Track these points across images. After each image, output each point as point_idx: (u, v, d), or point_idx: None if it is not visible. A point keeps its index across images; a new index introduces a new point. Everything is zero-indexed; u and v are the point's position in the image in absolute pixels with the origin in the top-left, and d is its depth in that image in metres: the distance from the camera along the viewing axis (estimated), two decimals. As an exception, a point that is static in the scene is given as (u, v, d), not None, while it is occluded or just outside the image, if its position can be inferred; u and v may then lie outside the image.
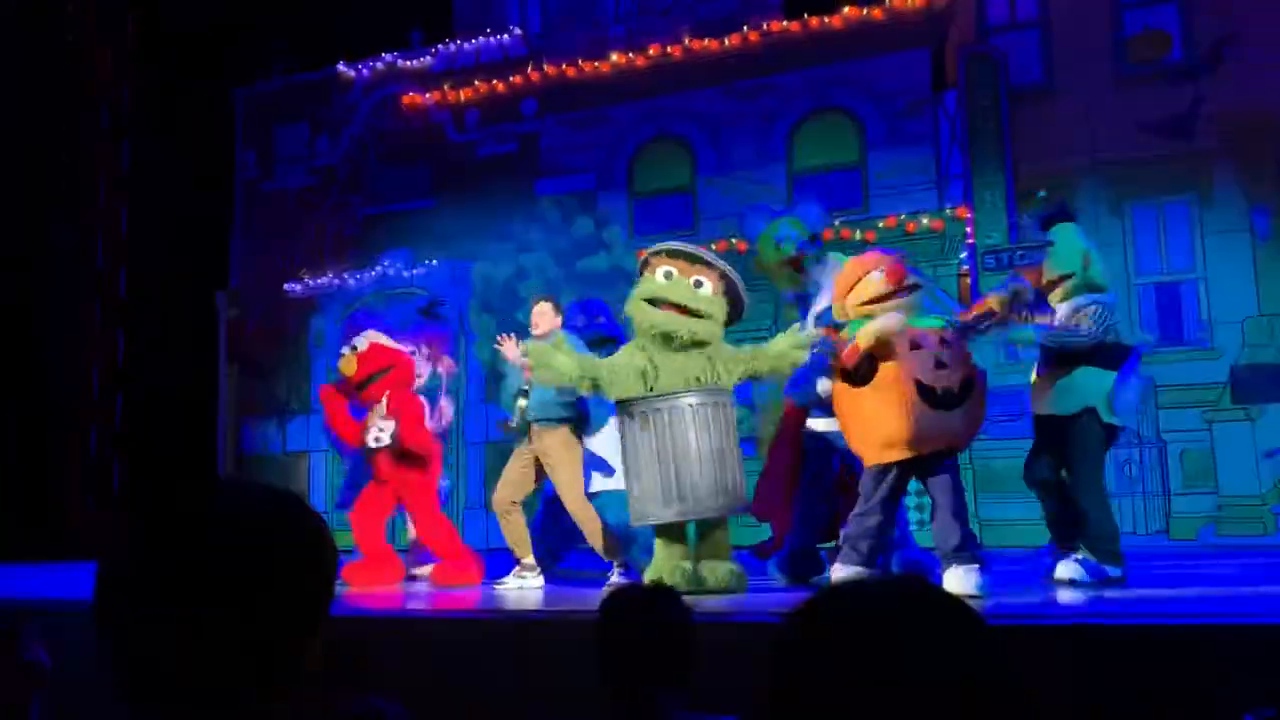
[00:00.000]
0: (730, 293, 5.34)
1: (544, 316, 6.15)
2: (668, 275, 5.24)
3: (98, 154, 12.66)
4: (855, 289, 4.99)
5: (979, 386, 4.78)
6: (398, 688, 4.18)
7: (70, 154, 12.58)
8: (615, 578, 5.71)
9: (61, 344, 12.28)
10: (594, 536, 5.95)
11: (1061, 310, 5.29)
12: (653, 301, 5.18)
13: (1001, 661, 0.87)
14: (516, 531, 6.10)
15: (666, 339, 5.14)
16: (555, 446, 5.97)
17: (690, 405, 5.04)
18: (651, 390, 5.08)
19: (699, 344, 5.17)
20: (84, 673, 1.96)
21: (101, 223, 12.56)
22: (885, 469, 4.75)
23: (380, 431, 6.54)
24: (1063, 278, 5.29)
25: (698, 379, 5.11)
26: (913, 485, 5.04)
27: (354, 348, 6.81)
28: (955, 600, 0.92)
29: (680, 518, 5.06)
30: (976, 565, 4.54)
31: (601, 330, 6.66)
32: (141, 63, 12.62)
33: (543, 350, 5.20)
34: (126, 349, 12.38)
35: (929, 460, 4.69)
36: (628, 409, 5.15)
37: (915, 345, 4.65)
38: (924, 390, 4.56)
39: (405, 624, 4.38)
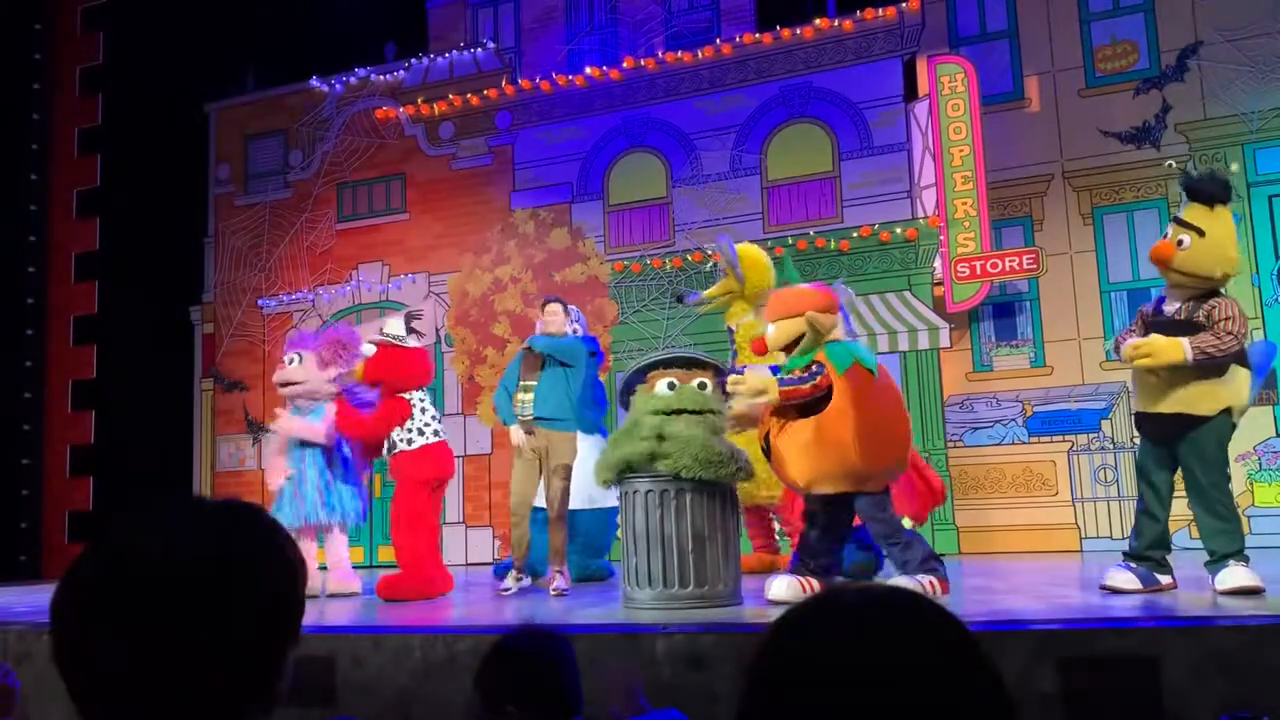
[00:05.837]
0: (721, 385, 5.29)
1: (555, 317, 6.29)
2: (671, 386, 5.15)
3: (69, 169, 12.55)
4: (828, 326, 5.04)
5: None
6: (367, 705, 4.16)
7: (42, 170, 12.47)
8: (557, 582, 6.00)
9: (33, 361, 12.15)
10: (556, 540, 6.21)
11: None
12: (668, 413, 5.03)
13: (987, 668, 0.88)
14: (526, 539, 6.27)
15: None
16: (562, 447, 6.11)
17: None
18: None
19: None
20: (55, 696, 1.94)
21: (74, 238, 12.44)
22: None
23: (407, 431, 6.53)
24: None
25: None
26: None
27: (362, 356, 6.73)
28: (939, 608, 0.92)
29: None
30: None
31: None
32: (113, 77, 12.52)
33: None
34: (99, 365, 12.24)
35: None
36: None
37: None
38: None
39: (376, 640, 4.35)
